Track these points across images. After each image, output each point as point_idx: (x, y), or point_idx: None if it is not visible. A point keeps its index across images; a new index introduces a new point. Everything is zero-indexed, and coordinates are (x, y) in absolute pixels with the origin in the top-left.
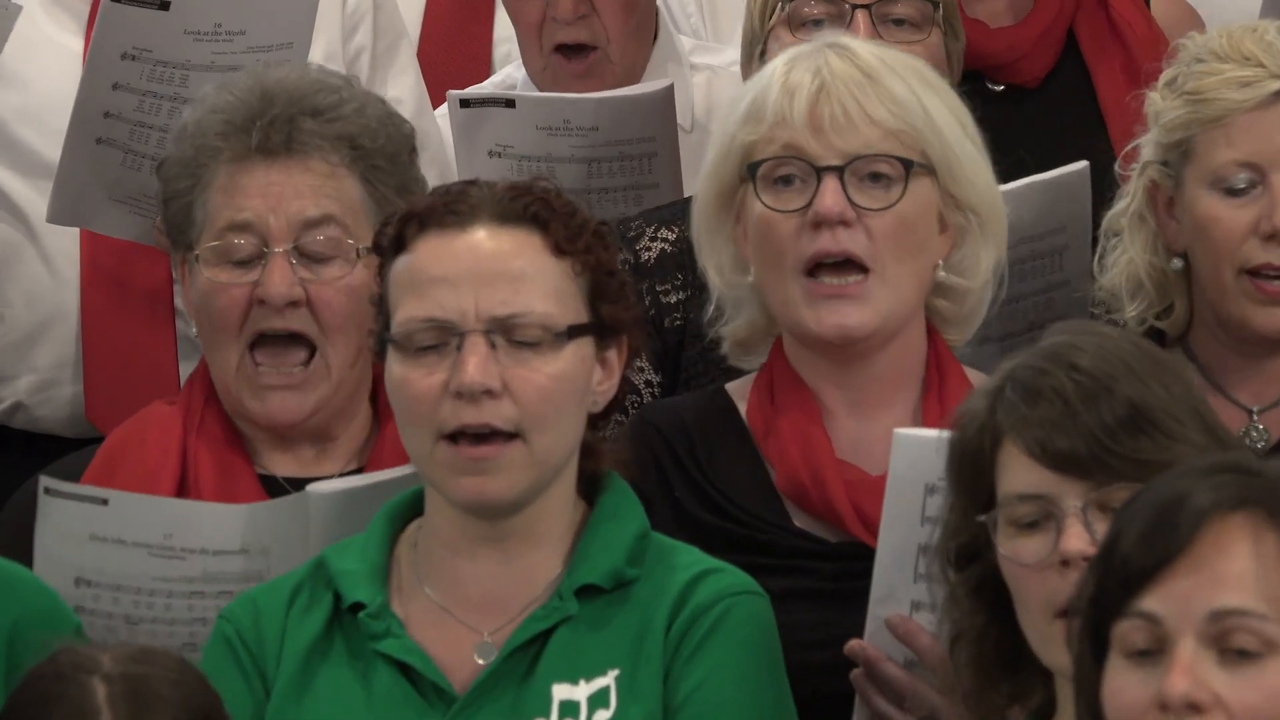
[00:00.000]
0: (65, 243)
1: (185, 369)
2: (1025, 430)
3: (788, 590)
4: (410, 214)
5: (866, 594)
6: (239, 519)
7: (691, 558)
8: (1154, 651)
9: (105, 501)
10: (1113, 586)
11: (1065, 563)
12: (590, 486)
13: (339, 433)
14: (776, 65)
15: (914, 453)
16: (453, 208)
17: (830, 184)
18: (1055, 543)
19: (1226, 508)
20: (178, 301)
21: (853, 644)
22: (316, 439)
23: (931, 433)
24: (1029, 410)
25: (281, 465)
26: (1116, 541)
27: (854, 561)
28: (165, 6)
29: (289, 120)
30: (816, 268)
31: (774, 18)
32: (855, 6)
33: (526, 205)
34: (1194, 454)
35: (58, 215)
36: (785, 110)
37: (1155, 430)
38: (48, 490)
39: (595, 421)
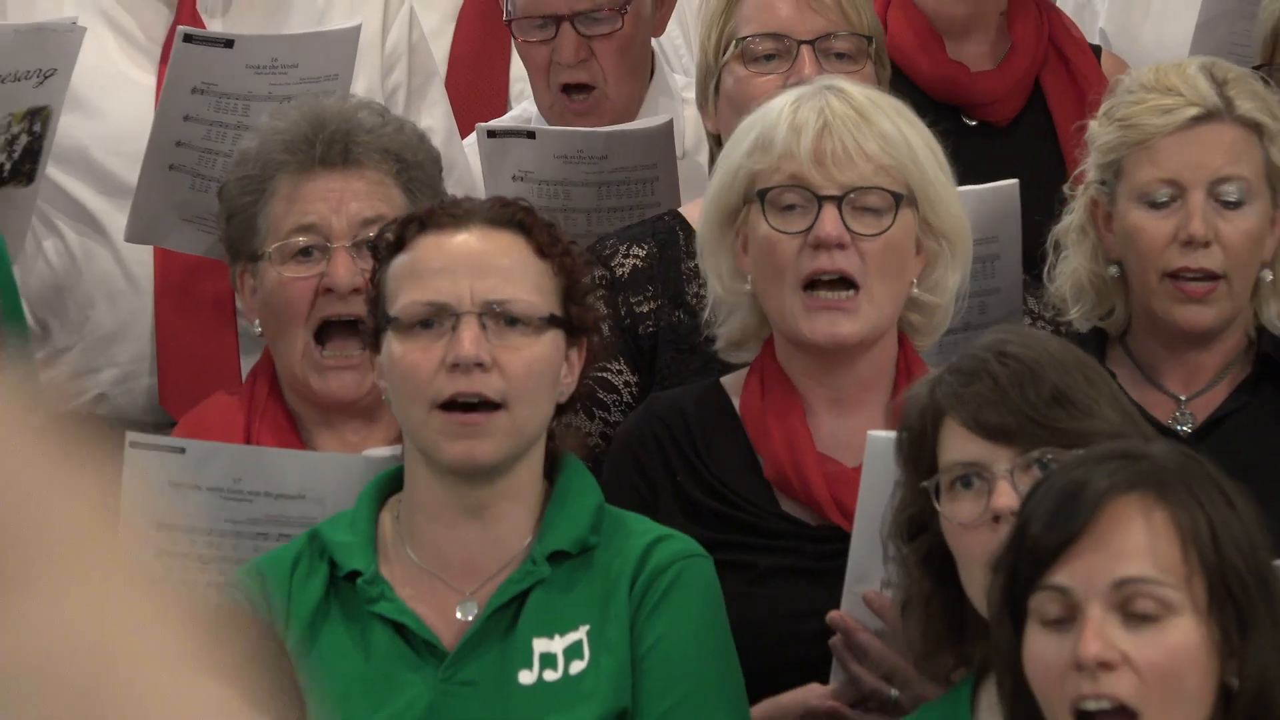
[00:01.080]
0: (140, 253)
1: (246, 363)
2: (961, 407)
3: (775, 567)
4: (410, 218)
5: (843, 572)
6: (300, 466)
7: (643, 526)
8: (1066, 619)
9: (183, 450)
10: (1026, 564)
11: (996, 519)
12: (551, 465)
13: (380, 412)
14: (783, 105)
15: (885, 452)
16: (449, 211)
17: (830, 212)
18: (987, 503)
19: (1121, 490)
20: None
21: (833, 614)
22: (364, 419)
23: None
24: (965, 389)
25: (329, 445)
26: (1026, 525)
27: (832, 544)
28: (230, 45)
29: (345, 135)
30: (813, 283)
31: (727, 53)
32: (800, 43)
33: (513, 214)
34: (1108, 427)
35: (135, 236)
36: (793, 145)
37: (1074, 407)
38: (132, 444)
39: (557, 413)
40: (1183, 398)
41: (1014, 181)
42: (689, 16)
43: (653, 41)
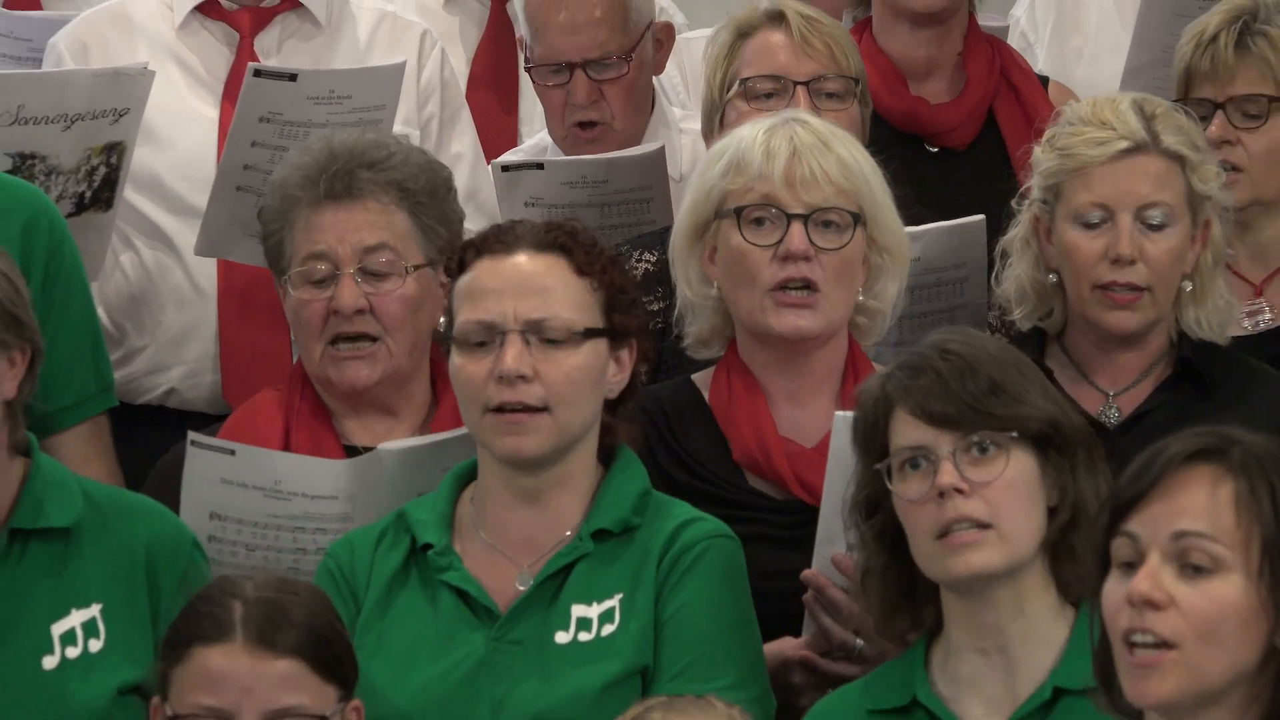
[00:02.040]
0: (206, 265)
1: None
2: (909, 398)
3: (746, 534)
4: (470, 244)
5: (806, 538)
6: (331, 471)
7: (682, 510)
8: (1135, 563)
9: (233, 452)
10: (1110, 513)
11: (941, 494)
12: (607, 455)
13: (401, 407)
14: (756, 133)
15: (850, 431)
16: (501, 238)
17: (797, 229)
18: (933, 482)
19: (1194, 459)
20: None
21: (807, 573)
22: (384, 411)
23: None
24: (912, 382)
25: (359, 436)
26: (1121, 477)
27: (795, 514)
28: (293, 78)
29: (349, 173)
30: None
31: (731, 91)
32: (796, 84)
33: (556, 237)
34: (1038, 412)
35: (204, 249)
36: (766, 169)
37: (1007, 395)
38: (193, 442)
39: (614, 406)
40: (1111, 393)
41: (981, 217)
42: (684, 57)
43: (654, 79)
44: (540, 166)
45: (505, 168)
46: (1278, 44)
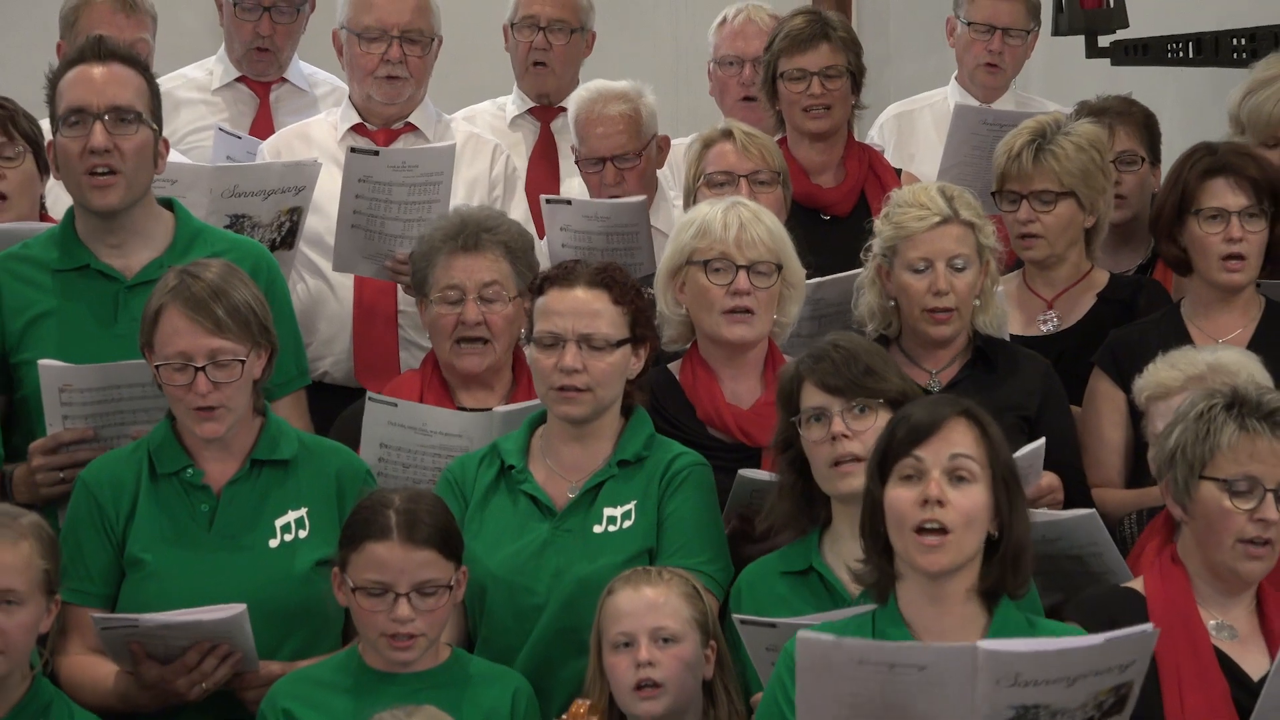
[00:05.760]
0: (346, 293)
1: (403, 356)
2: (814, 375)
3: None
4: (546, 276)
5: (744, 467)
6: (458, 419)
7: (675, 447)
8: (915, 478)
9: (395, 404)
10: (897, 445)
11: (834, 439)
12: (627, 411)
13: (496, 384)
14: (715, 210)
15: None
16: (566, 275)
17: (742, 275)
18: (829, 430)
19: (955, 413)
20: (400, 320)
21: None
22: (484, 386)
23: None
24: (816, 365)
25: (467, 402)
26: (899, 424)
27: (737, 453)
28: (376, 153)
29: (476, 234)
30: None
31: (699, 181)
32: (740, 176)
33: (603, 278)
34: (894, 386)
35: (338, 268)
36: (723, 235)
37: (877, 375)
38: (369, 399)
39: (633, 380)
40: (933, 371)
41: (861, 270)
42: (670, 157)
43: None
44: (569, 203)
45: (548, 200)
46: (1060, 156)
